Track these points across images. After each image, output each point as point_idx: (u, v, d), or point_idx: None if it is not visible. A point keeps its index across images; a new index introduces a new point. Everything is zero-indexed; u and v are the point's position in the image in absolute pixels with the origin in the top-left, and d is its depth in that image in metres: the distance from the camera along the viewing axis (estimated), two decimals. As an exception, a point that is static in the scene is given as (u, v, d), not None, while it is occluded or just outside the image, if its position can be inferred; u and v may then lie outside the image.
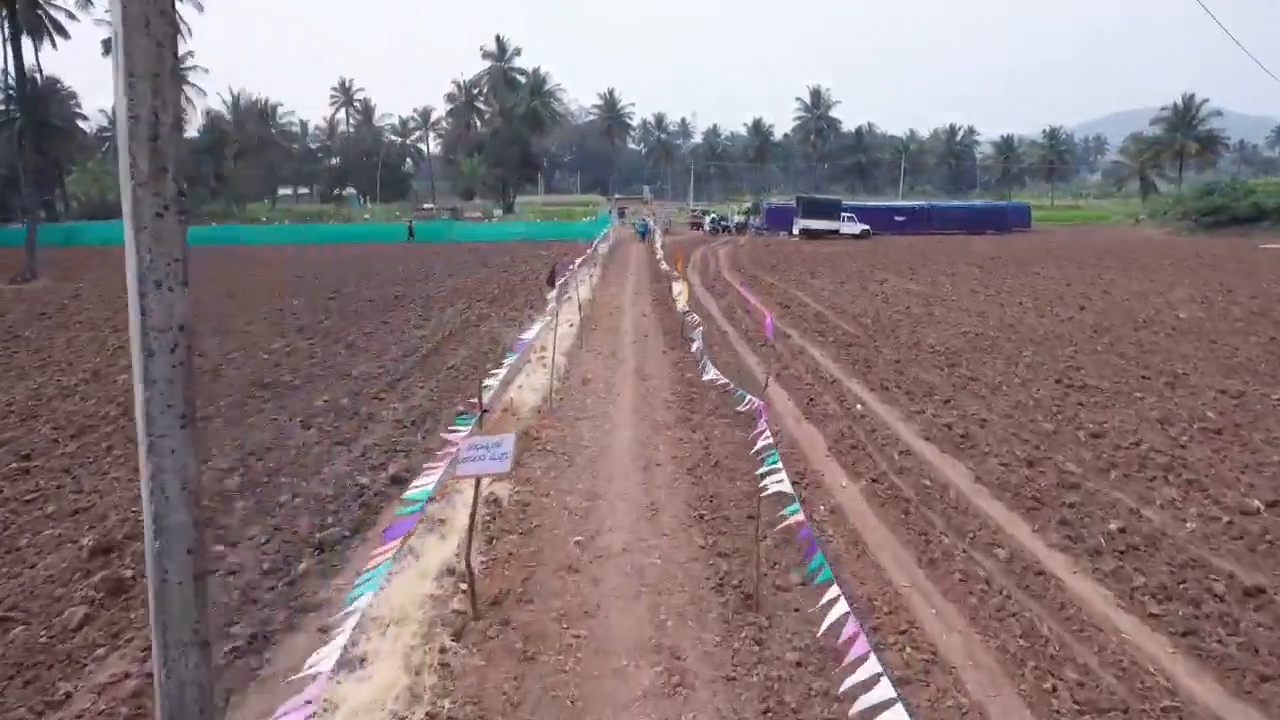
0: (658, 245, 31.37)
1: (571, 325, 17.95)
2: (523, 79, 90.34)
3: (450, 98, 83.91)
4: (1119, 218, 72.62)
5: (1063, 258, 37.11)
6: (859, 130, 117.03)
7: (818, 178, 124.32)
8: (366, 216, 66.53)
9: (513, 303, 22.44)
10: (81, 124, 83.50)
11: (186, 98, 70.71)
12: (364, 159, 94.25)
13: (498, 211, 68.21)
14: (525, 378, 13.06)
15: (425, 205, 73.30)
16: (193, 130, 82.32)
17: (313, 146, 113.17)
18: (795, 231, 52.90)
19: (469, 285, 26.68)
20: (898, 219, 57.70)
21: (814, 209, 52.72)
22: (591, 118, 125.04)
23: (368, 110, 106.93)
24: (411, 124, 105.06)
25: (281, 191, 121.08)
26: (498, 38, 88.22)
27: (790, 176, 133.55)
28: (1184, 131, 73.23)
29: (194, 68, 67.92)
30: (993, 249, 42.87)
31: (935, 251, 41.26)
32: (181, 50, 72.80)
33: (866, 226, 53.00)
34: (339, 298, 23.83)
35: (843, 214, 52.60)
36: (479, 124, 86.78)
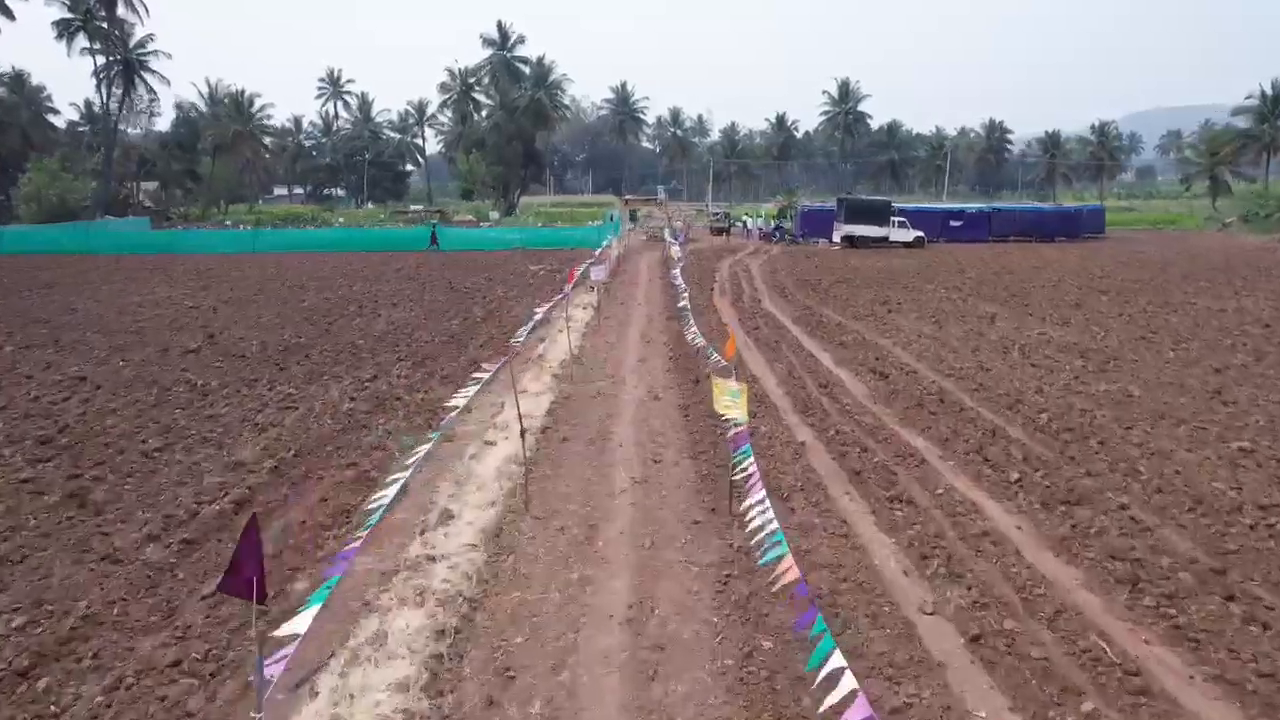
0: (675, 273, 23.17)
1: (526, 431, 10.11)
2: (526, 69, 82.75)
3: (444, 88, 76.13)
4: (1198, 221, 63.90)
5: (1194, 276, 28.87)
6: (890, 126, 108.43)
7: (840, 176, 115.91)
8: (339, 221, 59.01)
9: (457, 361, 14.62)
10: (53, 118, 77.26)
11: (148, 87, 63.69)
12: (354, 157, 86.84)
13: (494, 214, 60.47)
14: (372, 649, 5.14)
15: (414, 207, 65.62)
16: (163, 123, 75.50)
17: (307, 144, 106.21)
18: (836, 239, 44.81)
19: (409, 323, 18.89)
20: (953, 224, 49.37)
21: (860, 212, 44.52)
22: (603, 112, 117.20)
23: (365, 105, 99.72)
24: (411, 119, 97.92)
25: (278, 191, 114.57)
26: (499, 24, 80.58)
27: (812, 175, 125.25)
28: (1272, 122, 64.35)
29: (154, 53, 60.67)
30: (1087, 263, 34.61)
31: (1020, 267, 33.07)
32: (140, 34, 65.76)
33: (920, 233, 44.84)
34: (208, 346, 16.12)
35: (893, 218, 44.45)
36: (478, 117, 79.05)
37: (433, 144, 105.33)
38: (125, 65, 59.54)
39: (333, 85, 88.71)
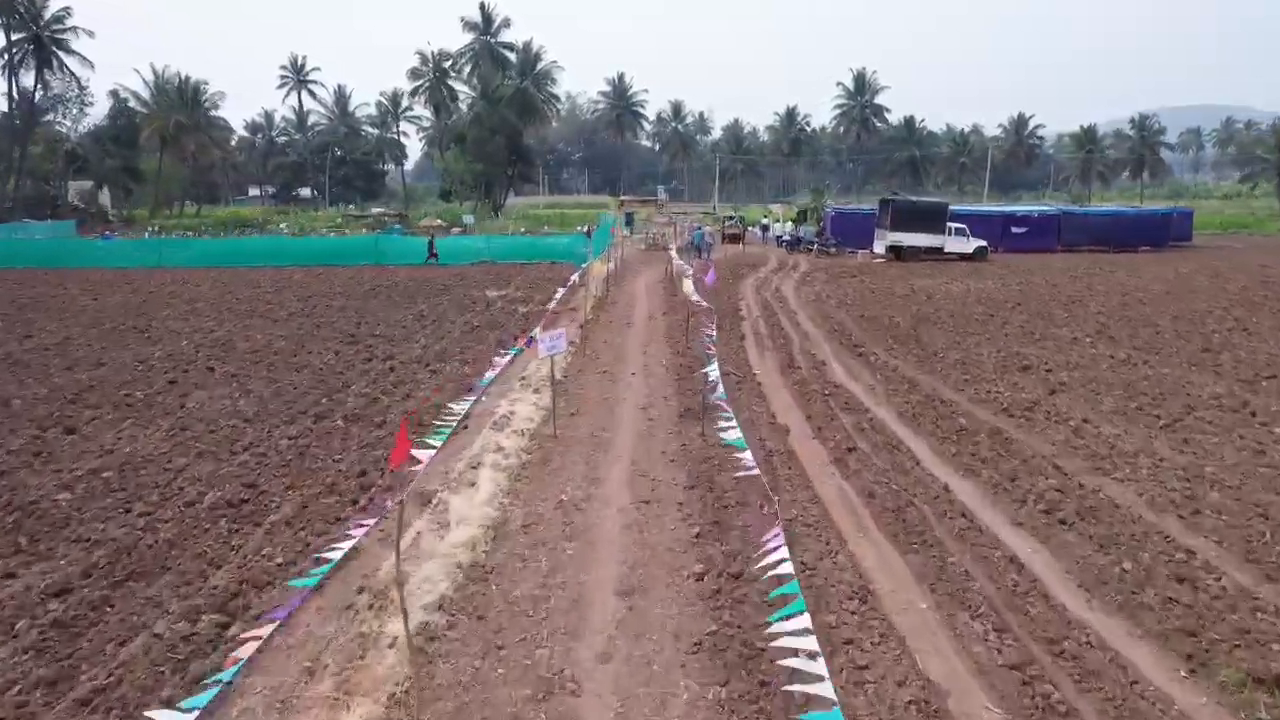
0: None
1: None
2: (512, 56, 74.24)
3: (415, 73, 67.26)
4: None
5: None
6: (910, 120, 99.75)
7: (854, 174, 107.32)
8: (283, 227, 50.47)
9: (195, 587, 6.15)
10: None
11: (67, 70, 55.06)
12: (321, 153, 78.19)
13: (468, 218, 51.77)
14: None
15: (374, 210, 56.96)
16: (98, 115, 66.72)
17: (280, 140, 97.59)
18: (879, 249, 36.33)
19: (212, 429, 10.37)
20: (1015, 230, 40.94)
21: (910, 217, 35.89)
22: (599, 106, 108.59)
23: (341, 99, 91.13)
24: (388, 113, 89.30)
25: (253, 192, 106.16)
26: (481, 6, 72.05)
27: (820, 174, 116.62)
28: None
29: (73, 29, 51.98)
30: (1221, 282, 26.09)
31: (1147, 293, 24.61)
32: (54, 6, 56.54)
33: (983, 243, 36.43)
34: None
35: (949, 224, 35.94)
36: (455, 108, 70.35)
37: (416, 141, 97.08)
38: (37, 44, 50.96)
39: (296, 74, 79.82)
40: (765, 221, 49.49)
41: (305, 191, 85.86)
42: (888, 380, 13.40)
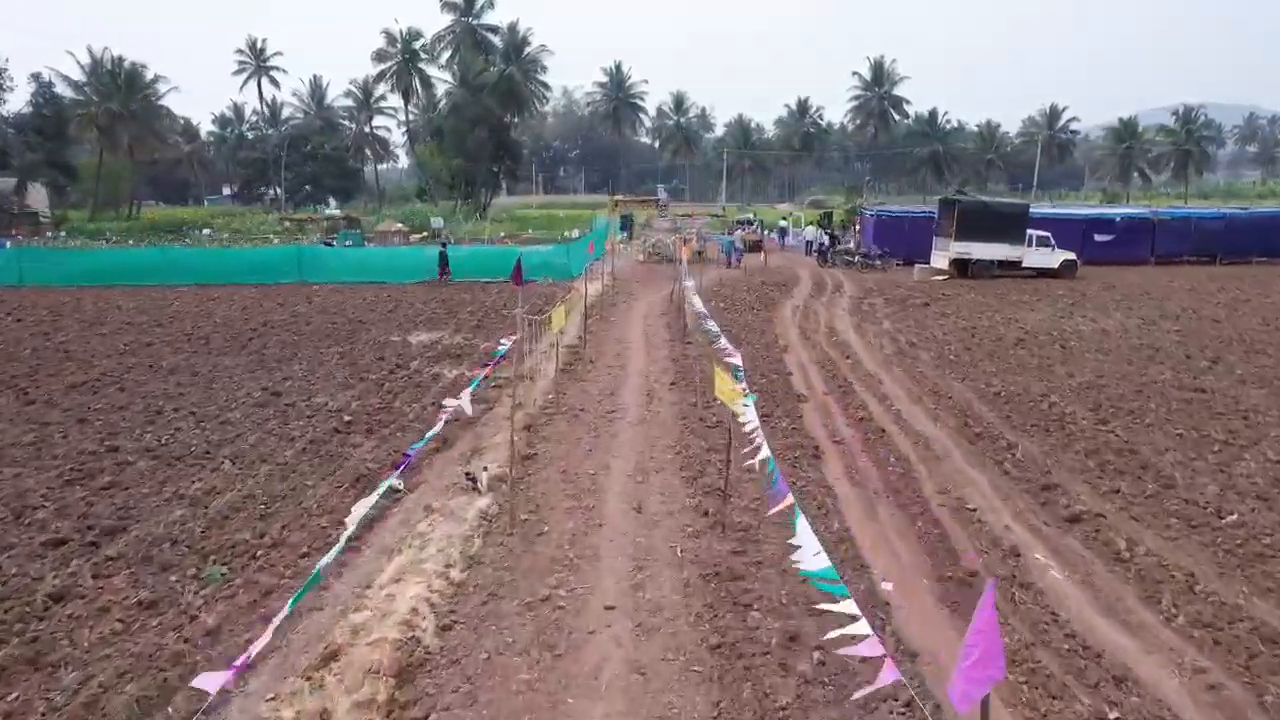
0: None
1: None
2: (496, 39, 66.55)
3: (381, 55, 59.22)
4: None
5: None
6: (933, 113, 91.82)
7: (856, 175, 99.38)
8: (205, 233, 42.74)
9: None
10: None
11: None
12: (277, 148, 70.26)
13: (437, 221, 43.85)
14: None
15: (328, 212, 49.18)
16: (17, 102, 58.72)
17: (250, 136, 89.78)
18: (939, 263, 28.60)
19: None
20: (1099, 239, 33.18)
21: (980, 221, 27.99)
22: (595, 99, 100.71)
23: (316, 90, 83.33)
24: (376, 104, 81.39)
25: (226, 191, 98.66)
26: (462, -17, 64.22)
27: (826, 172, 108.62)
28: None
29: (-31, 1, 44.02)
30: None
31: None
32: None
33: (1070, 255, 28.82)
34: None
35: (1031, 232, 28.17)
36: (430, 96, 62.45)
37: (400, 135, 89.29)
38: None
39: (256, 59, 71.78)
40: (784, 225, 41.83)
41: (276, 190, 78.11)
42: (1204, 631, 5.65)
